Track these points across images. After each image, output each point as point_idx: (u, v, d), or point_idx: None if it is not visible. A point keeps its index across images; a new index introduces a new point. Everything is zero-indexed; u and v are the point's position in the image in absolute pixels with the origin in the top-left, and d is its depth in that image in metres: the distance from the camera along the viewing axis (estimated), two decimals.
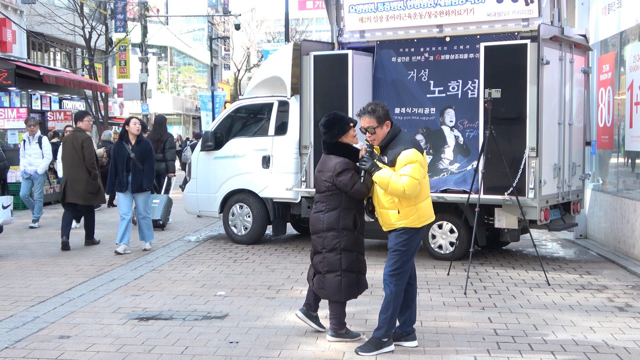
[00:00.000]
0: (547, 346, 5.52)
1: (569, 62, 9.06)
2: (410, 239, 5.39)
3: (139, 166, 9.79)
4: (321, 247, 5.68)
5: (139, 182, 9.80)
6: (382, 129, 5.43)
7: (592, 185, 10.80)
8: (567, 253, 9.99)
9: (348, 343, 5.60)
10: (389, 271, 5.42)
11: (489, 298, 7.16)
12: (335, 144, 5.72)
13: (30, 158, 12.52)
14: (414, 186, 5.19)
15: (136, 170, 9.78)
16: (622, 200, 9.53)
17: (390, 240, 5.46)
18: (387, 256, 5.50)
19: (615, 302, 6.97)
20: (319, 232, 5.71)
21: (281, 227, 10.84)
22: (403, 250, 5.38)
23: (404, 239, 5.38)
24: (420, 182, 5.26)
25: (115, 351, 5.47)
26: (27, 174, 12.60)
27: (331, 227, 5.62)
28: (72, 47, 29.35)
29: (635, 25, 9.12)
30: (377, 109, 5.43)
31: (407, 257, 5.42)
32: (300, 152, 9.96)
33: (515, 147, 8.34)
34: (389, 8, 10.06)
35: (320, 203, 5.73)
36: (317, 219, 5.71)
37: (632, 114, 9.13)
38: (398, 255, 5.39)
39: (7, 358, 5.31)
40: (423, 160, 5.40)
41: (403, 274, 5.43)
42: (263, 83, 10.82)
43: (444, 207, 8.98)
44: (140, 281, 8.10)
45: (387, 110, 5.50)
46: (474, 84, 9.47)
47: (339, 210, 5.62)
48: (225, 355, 5.33)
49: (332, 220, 5.62)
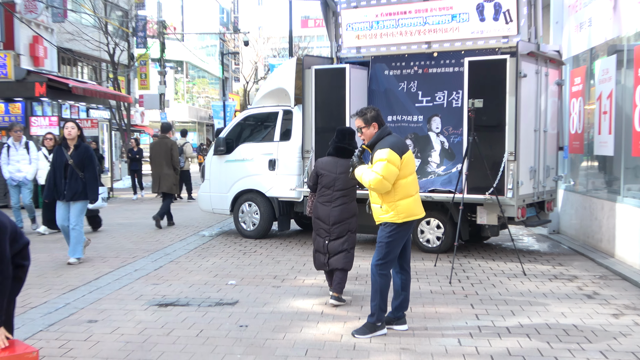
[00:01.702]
0: (523, 330, 5.56)
1: (544, 75, 9.09)
2: (392, 232, 5.37)
3: (78, 173, 8.39)
4: (347, 231, 6.48)
5: (74, 190, 8.37)
6: (369, 129, 5.48)
7: (564, 186, 10.83)
8: (542, 247, 10.03)
9: (345, 326, 5.64)
10: (375, 262, 5.45)
11: (471, 287, 7.19)
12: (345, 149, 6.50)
13: (18, 164, 11.01)
14: (377, 182, 5.21)
15: (73, 177, 8.37)
16: (591, 200, 9.57)
17: (378, 234, 5.50)
18: None
19: (584, 291, 7.00)
20: (345, 219, 6.47)
21: (286, 223, 10.87)
22: (385, 242, 5.38)
23: (387, 232, 5.38)
24: (386, 179, 5.20)
25: (138, 334, 5.52)
26: (15, 181, 11.12)
27: (355, 214, 6.55)
28: (97, 62, 29.36)
29: (604, 42, 9.15)
30: (366, 112, 5.52)
31: (390, 249, 5.39)
32: (302, 156, 9.99)
33: (496, 152, 8.36)
34: (382, 26, 10.12)
35: (345, 197, 6.47)
36: (346, 209, 6.48)
37: (601, 122, 9.16)
38: (381, 247, 5.41)
39: (42, 340, 5.35)
40: (398, 160, 5.26)
41: (387, 265, 5.42)
42: (269, 94, 10.86)
43: (431, 205, 9.01)
44: (160, 271, 8.14)
45: (375, 114, 5.51)
46: (458, 95, 9.50)
47: (355, 201, 6.59)
48: (236, 338, 5.37)
49: (355, 208, 6.56)
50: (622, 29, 8.41)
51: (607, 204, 8.86)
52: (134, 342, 5.29)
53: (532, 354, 4.95)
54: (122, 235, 11.23)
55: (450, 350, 5.05)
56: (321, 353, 4.99)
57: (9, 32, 20.69)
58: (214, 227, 12.32)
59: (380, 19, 10.13)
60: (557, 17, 11.10)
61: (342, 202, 6.46)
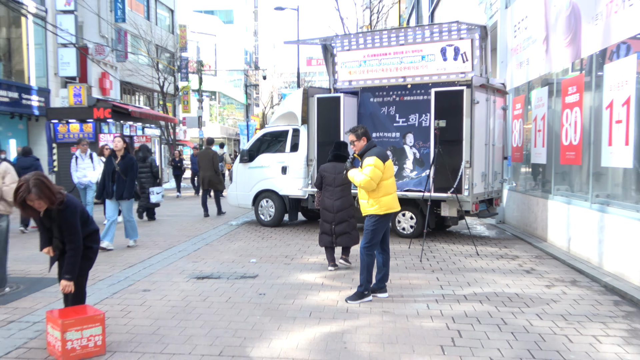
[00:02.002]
0: (477, 297, 5.55)
1: (492, 102, 9.08)
2: (376, 222, 5.36)
3: (123, 177, 8.25)
4: (348, 217, 6.70)
5: (120, 191, 8.25)
6: (360, 142, 5.51)
7: (508, 186, 10.82)
8: (491, 233, 10.01)
9: (340, 294, 5.63)
10: (362, 245, 5.43)
11: (437, 264, 7.18)
12: (341, 155, 6.75)
13: (84, 171, 10.79)
14: (366, 182, 5.25)
15: (119, 180, 8.24)
16: (528, 197, 9.55)
17: (364, 223, 5.48)
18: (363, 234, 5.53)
19: (524, 267, 6.99)
20: (347, 207, 6.71)
21: (294, 215, 10.84)
22: (371, 229, 5.37)
23: (372, 222, 5.37)
24: (373, 180, 5.23)
25: (181, 300, 5.51)
26: (83, 185, 10.89)
27: (352, 204, 6.77)
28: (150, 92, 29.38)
29: (539, 77, 9.14)
30: (357, 129, 5.57)
31: (374, 235, 5.38)
32: (307, 163, 9.97)
33: (455, 161, 8.35)
34: (369, 64, 10.14)
35: (343, 191, 6.68)
36: (346, 200, 6.71)
37: (536, 138, 9.15)
38: (367, 233, 5.39)
39: (107, 305, 5.34)
40: (382, 166, 5.27)
41: (372, 247, 5.41)
42: (282, 116, 10.85)
43: (406, 201, 9.00)
44: (198, 252, 8.13)
45: (364, 130, 5.56)
46: (427, 117, 9.50)
47: (351, 194, 6.82)
48: (256, 303, 5.36)
49: (352, 199, 6.78)
50: (552, 67, 8.41)
51: (541, 200, 8.84)
52: (177, 306, 5.28)
53: (484, 315, 4.94)
54: (169, 225, 11.22)
55: (421, 312, 5.04)
56: (321, 315, 4.98)
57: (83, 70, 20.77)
58: (240, 218, 12.31)
59: (367, 59, 10.16)
60: (503, 58, 11.10)
61: (342, 195, 6.70)
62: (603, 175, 6.92)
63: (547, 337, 4.38)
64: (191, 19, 47.20)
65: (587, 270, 6.48)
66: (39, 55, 19.72)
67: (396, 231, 9.25)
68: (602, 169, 6.78)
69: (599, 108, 6.67)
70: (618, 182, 6.68)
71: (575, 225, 7.41)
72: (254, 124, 45.37)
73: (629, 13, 5.89)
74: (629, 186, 6.36)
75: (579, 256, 7.23)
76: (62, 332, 3.89)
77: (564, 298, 5.51)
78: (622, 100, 6.02)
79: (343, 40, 10.27)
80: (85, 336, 3.96)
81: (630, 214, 5.99)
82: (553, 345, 4.21)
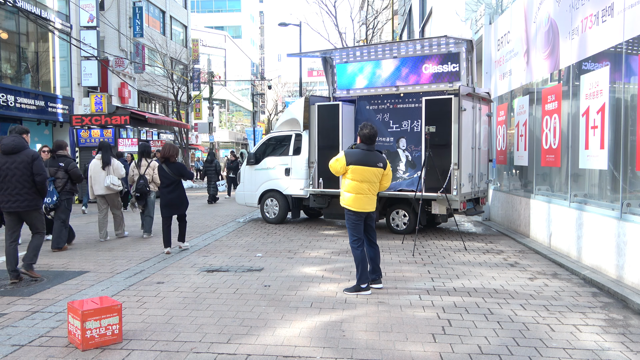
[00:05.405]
0: (465, 289, 5.49)
1: (478, 110, 9.03)
2: (350, 216, 5.25)
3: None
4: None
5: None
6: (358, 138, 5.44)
7: (493, 187, 10.77)
8: (478, 230, 9.95)
9: (338, 286, 5.57)
10: (350, 241, 5.36)
11: (428, 258, 7.12)
12: None
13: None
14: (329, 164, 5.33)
15: None
16: (512, 197, 9.49)
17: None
18: None
19: (508, 261, 6.93)
20: None
21: (297, 213, 10.77)
22: (348, 225, 5.29)
23: (347, 216, 5.30)
24: (331, 165, 5.25)
25: (192, 291, 5.46)
26: None
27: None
28: (165, 100, 29.36)
29: (520, 86, 9.09)
30: (361, 128, 5.37)
31: (353, 229, 5.25)
32: (308, 165, 9.92)
33: (445, 163, 8.31)
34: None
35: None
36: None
37: (518, 142, 9.10)
38: (348, 229, 5.33)
39: (124, 296, 5.29)
40: (343, 161, 5.13)
41: (357, 241, 5.27)
42: (285, 122, 10.80)
43: (400, 200, 8.95)
44: (208, 247, 8.08)
45: (363, 132, 5.28)
46: (418, 123, 9.46)
47: None
48: (261, 294, 5.31)
49: None
50: (533, 77, 8.35)
51: (524, 199, 8.78)
52: (189, 297, 5.23)
53: (472, 305, 4.88)
54: None
55: (413, 303, 4.98)
56: (322, 305, 4.92)
57: (104, 80, 20.79)
58: (247, 215, 12.26)
59: None
60: (487, 69, 11.05)
61: None
62: (581, 176, 6.87)
63: (531, 326, 4.32)
64: (203, 34, 47.21)
65: (567, 264, 6.41)
66: (63, 67, 19.72)
67: (390, 227, 9.17)
68: (579, 170, 6.73)
69: (576, 115, 6.62)
70: (594, 183, 6.62)
71: (555, 223, 7.35)
72: (260, 130, 45.32)
73: (603, 29, 5.85)
74: (604, 186, 6.31)
75: (559, 251, 7.17)
76: (82, 321, 3.84)
77: (545, 290, 5.45)
78: (597, 108, 5.97)
79: (341, 53, 10.22)
80: (103, 325, 3.91)
81: (606, 211, 5.94)
82: (536, 333, 4.15)
